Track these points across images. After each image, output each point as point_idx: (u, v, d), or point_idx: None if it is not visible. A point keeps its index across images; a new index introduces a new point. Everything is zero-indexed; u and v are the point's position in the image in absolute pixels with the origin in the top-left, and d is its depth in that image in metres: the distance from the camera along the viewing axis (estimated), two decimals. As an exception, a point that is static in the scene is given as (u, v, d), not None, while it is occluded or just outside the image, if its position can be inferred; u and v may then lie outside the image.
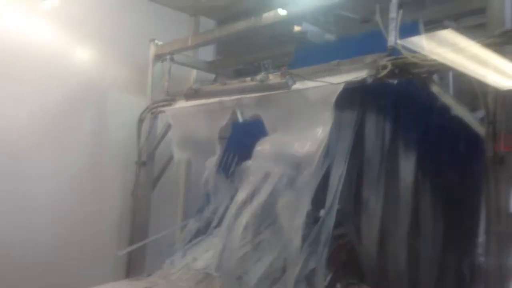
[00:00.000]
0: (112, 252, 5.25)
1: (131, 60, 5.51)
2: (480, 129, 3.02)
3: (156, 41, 5.30)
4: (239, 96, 3.89)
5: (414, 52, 2.97)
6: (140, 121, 5.26)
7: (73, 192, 5.05)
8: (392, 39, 3.17)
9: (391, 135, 3.63)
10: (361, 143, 3.67)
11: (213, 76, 5.91)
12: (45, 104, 4.85)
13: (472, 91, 3.11)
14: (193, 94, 4.14)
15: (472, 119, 3.09)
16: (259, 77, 3.63)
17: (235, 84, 3.90)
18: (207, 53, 6.05)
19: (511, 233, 2.99)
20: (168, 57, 5.11)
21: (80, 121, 5.21)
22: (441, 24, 3.82)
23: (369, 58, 3.33)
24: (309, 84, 3.45)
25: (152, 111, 5.19)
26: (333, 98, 3.26)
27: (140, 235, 5.10)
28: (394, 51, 3.18)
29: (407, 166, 3.54)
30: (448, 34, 2.36)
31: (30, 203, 4.68)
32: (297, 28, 4.17)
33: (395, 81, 3.22)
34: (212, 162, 4.20)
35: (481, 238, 3.46)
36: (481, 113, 3.15)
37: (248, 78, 3.80)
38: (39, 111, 4.79)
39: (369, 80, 3.23)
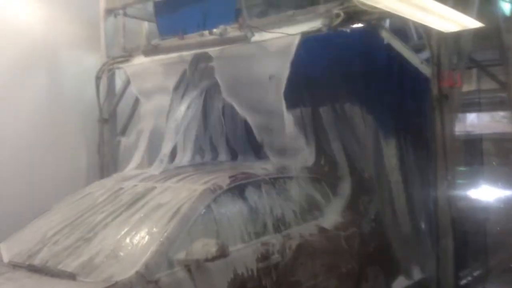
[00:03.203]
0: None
1: (80, 16, 5.34)
2: (426, 70, 3.32)
3: (106, -5, 5.18)
4: (198, 51, 3.97)
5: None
6: (98, 78, 5.19)
7: (34, 151, 4.97)
8: (343, -13, 3.34)
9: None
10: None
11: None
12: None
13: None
14: (152, 50, 4.17)
15: (419, 61, 3.37)
16: (218, 30, 3.70)
17: (194, 38, 3.95)
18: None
19: (456, 158, 3.39)
20: (121, 11, 5.04)
21: (33, 81, 5.08)
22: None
23: (322, 8, 3.49)
24: (266, 35, 3.58)
25: (110, 68, 5.16)
26: (293, 49, 3.42)
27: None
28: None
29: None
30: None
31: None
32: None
33: (348, 30, 3.42)
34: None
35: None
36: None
37: (207, 32, 3.86)
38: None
39: (324, 30, 3.41)
